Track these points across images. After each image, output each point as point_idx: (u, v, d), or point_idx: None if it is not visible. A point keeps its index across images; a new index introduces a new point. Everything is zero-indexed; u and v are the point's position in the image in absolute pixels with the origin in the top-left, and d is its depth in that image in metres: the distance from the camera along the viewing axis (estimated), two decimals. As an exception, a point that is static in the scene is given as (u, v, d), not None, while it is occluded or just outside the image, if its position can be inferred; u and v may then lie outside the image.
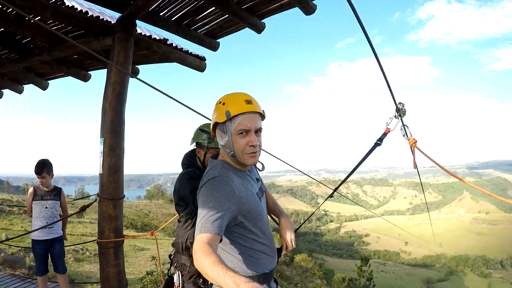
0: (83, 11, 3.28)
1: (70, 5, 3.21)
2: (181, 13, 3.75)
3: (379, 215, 15.42)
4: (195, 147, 2.70)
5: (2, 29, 4.14)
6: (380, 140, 2.60)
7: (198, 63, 4.79)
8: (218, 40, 4.43)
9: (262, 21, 3.82)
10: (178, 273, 2.49)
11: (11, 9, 3.29)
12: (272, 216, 2.26)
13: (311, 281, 18.11)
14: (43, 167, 4.12)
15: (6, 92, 6.90)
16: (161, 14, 3.70)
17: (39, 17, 3.53)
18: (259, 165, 1.84)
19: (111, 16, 3.62)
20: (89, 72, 5.46)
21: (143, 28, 3.93)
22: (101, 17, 3.40)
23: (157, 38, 4.12)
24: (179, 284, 2.48)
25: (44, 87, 6.10)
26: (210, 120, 1.78)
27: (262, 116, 1.68)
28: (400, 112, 2.47)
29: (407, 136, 2.54)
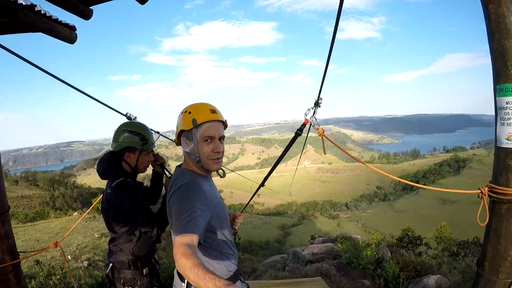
0: None
1: None
2: (54, -27, 3.05)
3: (231, 170, 16.41)
4: (115, 150, 2.37)
5: None
6: (300, 130, 2.88)
7: (68, 34, 3.99)
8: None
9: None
10: None
11: None
12: None
13: (173, 241, 18.59)
14: None
15: None
16: (30, -27, 2.93)
17: None
18: (220, 172, 1.93)
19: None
20: None
21: (5, -10, 3.08)
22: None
23: (24, 3, 3.29)
24: None
25: None
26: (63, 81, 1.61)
27: (225, 124, 1.81)
28: (317, 105, 2.73)
29: (316, 126, 2.79)
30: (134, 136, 2.30)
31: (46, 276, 5.19)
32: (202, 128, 1.69)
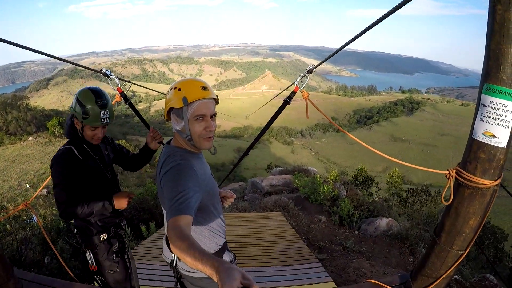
0: None
1: None
2: None
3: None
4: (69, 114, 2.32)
5: None
6: (289, 98, 2.94)
7: None
8: None
9: None
10: (89, 253, 2.40)
11: None
12: None
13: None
14: None
15: None
16: None
17: None
18: (211, 149, 1.85)
19: None
20: None
21: None
22: None
23: None
24: (92, 262, 2.41)
25: None
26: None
27: (216, 101, 1.75)
28: (310, 73, 2.80)
29: (302, 90, 2.89)
30: (78, 106, 2.18)
31: (13, 218, 5.10)
32: (193, 107, 1.63)
